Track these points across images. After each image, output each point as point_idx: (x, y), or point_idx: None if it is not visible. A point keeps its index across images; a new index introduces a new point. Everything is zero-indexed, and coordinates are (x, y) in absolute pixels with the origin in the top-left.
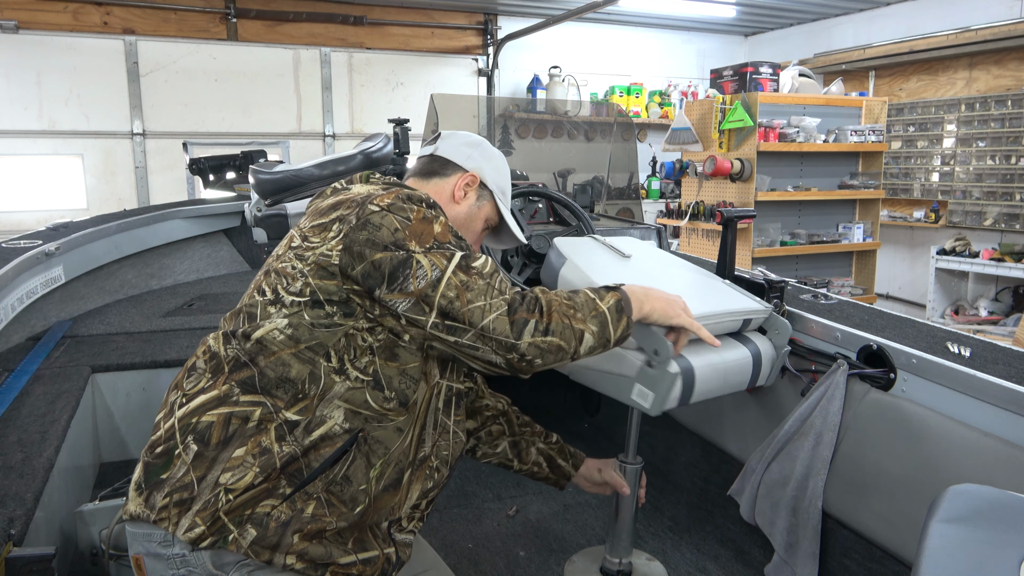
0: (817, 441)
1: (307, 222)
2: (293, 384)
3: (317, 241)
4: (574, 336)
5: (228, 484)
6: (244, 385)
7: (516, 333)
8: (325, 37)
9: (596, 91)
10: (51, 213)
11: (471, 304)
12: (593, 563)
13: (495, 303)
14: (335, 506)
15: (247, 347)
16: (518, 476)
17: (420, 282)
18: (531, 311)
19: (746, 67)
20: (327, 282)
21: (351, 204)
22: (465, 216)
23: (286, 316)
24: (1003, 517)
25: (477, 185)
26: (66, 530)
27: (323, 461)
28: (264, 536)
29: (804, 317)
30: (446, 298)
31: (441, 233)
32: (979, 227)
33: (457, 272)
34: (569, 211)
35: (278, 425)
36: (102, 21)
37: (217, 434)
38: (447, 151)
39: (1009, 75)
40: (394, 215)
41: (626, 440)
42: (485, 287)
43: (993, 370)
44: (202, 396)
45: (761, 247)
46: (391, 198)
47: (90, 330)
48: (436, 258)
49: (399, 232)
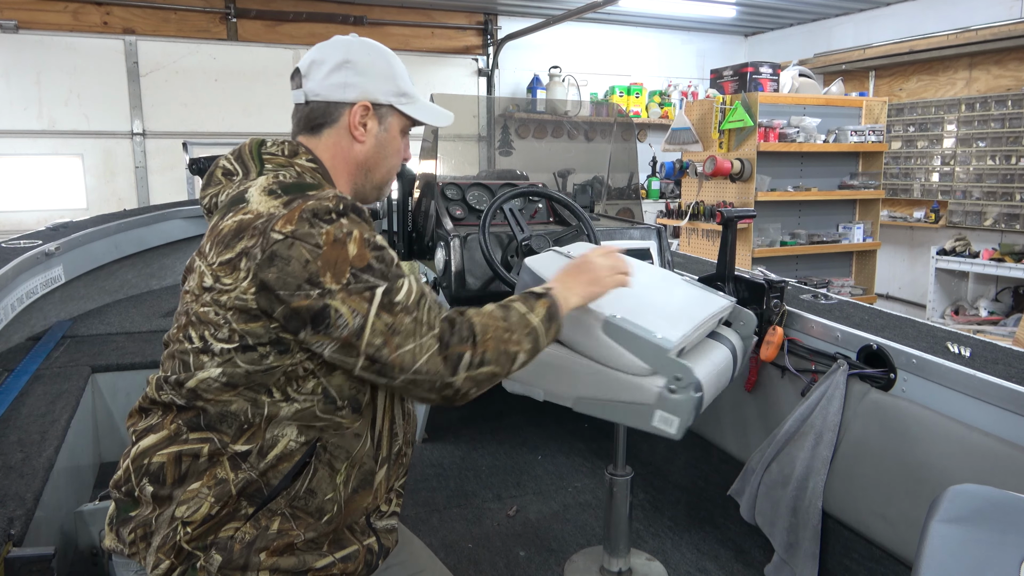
0: (817, 441)
1: (213, 253)
2: (235, 417)
3: (230, 283)
4: (508, 359)
5: (185, 517)
6: (191, 423)
7: (450, 370)
8: (325, 37)
9: (596, 91)
10: (51, 213)
11: (400, 349)
12: (593, 563)
13: (425, 343)
14: (301, 519)
15: (182, 393)
16: (519, 476)
17: (343, 331)
18: (464, 342)
19: (746, 67)
20: (252, 325)
21: (254, 232)
22: (376, 148)
23: (219, 365)
24: (1003, 517)
25: (372, 111)
26: (66, 530)
27: (282, 478)
28: (230, 559)
29: (804, 317)
30: (372, 346)
31: (358, 255)
32: (979, 227)
33: (381, 314)
34: (569, 211)
35: (230, 457)
36: (102, 21)
37: (171, 474)
38: (319, 92)
39: (1009, 75)
40: (301, 243)
41: (614, 453)
42: (413, 325)
43: (993, 370)
44: (152, 436)
45: (761, 247)
46: (295, 220)
47: (90, 330)
48: (356, 303)
49: (311, 264)
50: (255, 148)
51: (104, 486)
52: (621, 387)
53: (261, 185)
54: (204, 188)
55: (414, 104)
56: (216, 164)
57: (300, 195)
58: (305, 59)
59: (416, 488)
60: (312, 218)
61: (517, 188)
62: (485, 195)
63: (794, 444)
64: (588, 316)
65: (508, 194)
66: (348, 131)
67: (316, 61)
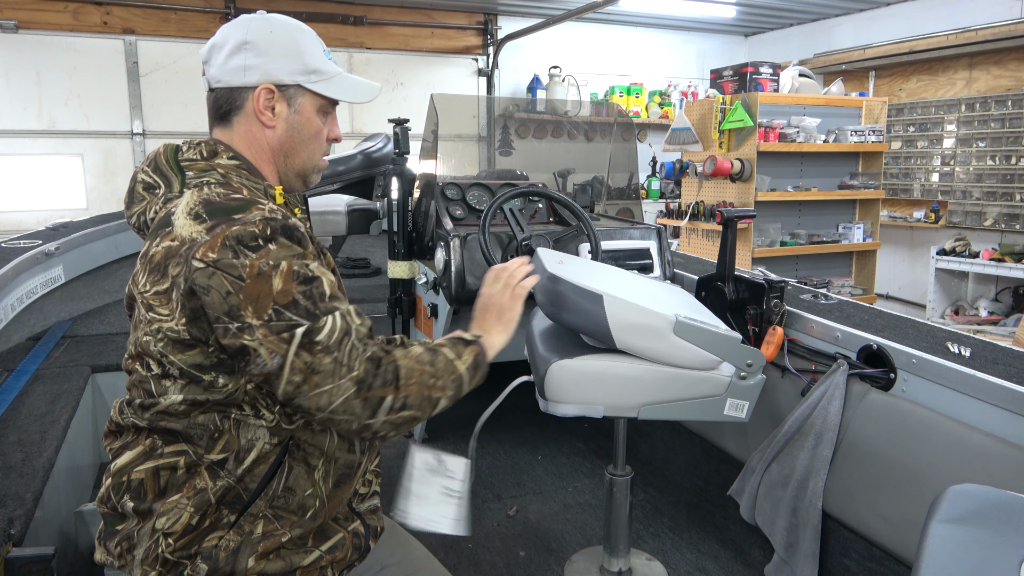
0: (817, 441)
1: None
2: (205, 428)
3: (166, 313)
4: (430, 404)
5: (165, 529)
6: (165, 436)
7: (369, 412)
8: (325, 37)
9: (596, 91)
10: (51, 213)
11: (317, 390)
12: (593, 563)
13: (343, 384)
14: (284, 517)
15: (147, 417)
16: (519, 476)
17: (263, 369)
18: (387, 385)
19: (746, 67)
20: (189, 353)
21: (180, 260)
22: (288, 133)
23: (180, 391)
24: (1003, 517)
25: (277, 93)
26: (66, 530)
27: (259, 480)
28: (216, 567)
29: (804, 317)
30: (292, 384)
31: (282, 291)
32: (979, 227)
33: (300, 354)
34: (569, 211)
35: (207, 467)
36: (102, 21)
37: (151, 488)
38: (221, 78)
39: (1009, 75)
40: (223, 274)
41: (614, 453)
42: (332, 366)
43: (993, 370)
44: (127, 453)
45: (761, 247)
46: (217, 248)
47: (90, 330)
48: (275, 344)
49: (232, 297)
50: (171, 156)
51: None
52: (690, 384)
53: (186, 205)
54: (128, 207)
55: (327, 82)
56: (134, 179)
57: (225, 219)
58: (207, 44)
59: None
60: (236, 245)
61: (517, 188)
62: (485, 195)
63: (794, 444)
64: (655, 322)
65: (508, 194)
66: (256, 117)
67: (216, 45)
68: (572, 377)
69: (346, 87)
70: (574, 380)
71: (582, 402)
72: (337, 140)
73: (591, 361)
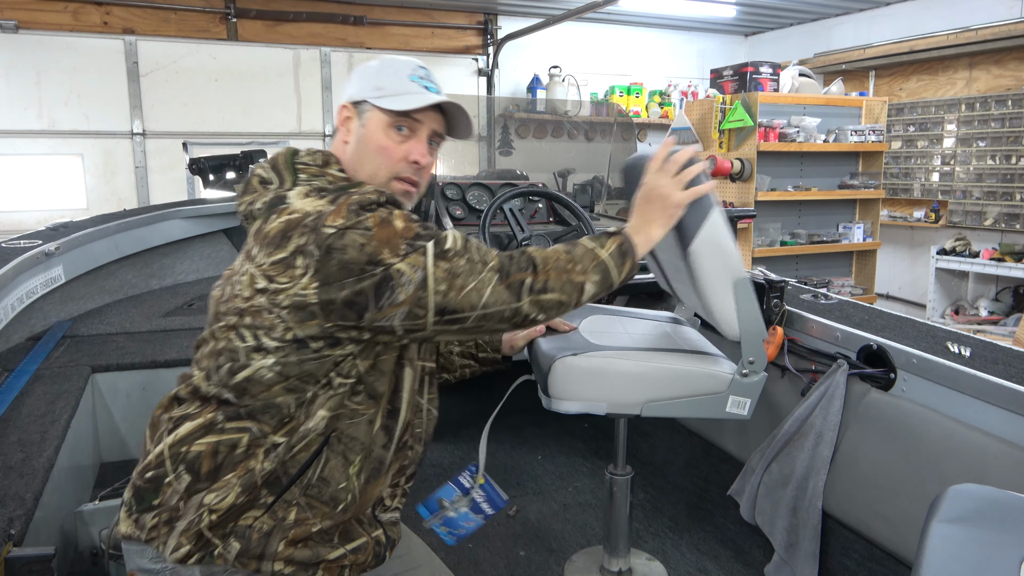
0: (817, 441)
1: (261, 254)
2: (279, 409)
3: (286, 281)
4: (574, 288)
5: (212, 504)
6: (229, 412)
7: (514, 296)
8: (325, 37)
9: (596, 91)
10: (51, 213)
11: (465, 289)
12: (593, 563)
13: (485, 277)
14: (316, 507)
15: (231, 385)
16: (519, 476)
17: (409, 288)
18: (523, 270)
19: (746, 67)
20: (308, 323)
21: (304, 230)
22: (357, 145)
23: (273, 358)
24: (1003, 517)
25: (353, 109)
26: (66, 530)
27: (299, 467)
28: (248, 548)
29: (804, 317)
30: (439, 293)
31: (404, 228)
32: (979, 227)
33: (438, 263)
34: (569, 211)
35: (266, 449)
36: (102, 21)
37: (207, 464)
38: None
39: (1009, 75)
40: (352, 231)
41: (614, 453)
42: (468, 265)
43: (993, 370)
44: (188, 423)
45: (761, 247)
46: (343, 215)
47: (90, 330)
48: (413, 259)
49: (367, 247)
50: (289, 158)
51: (104, 486)
52: (693, 381)
53: (300, 190)
54: (241, 196)
55: (389, 97)
56: (252, 172)
57: (343, 192)
58: None
59: (417, 488)
60: (358, 209)
61: (517, 188)
62: (485, 195)
63: (794, 444)
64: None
65: (508, 194)
66: (341, 132)
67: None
68: (575, 374)
69: (399, 98)
70: (577, 377)
71: (585, 399)
72: (415, 162)
73: (595, 358)
